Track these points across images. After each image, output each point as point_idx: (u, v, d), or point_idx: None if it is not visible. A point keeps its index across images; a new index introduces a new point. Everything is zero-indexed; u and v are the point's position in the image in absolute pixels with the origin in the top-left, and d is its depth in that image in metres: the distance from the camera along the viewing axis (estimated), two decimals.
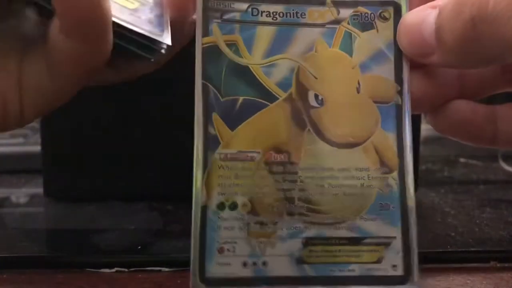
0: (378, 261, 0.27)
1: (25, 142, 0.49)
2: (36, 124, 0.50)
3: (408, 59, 0.27)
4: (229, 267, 0.26)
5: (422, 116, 0.77)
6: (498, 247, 0.32)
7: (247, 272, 0.26)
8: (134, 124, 0.39)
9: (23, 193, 0.43)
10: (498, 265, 0.30)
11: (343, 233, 0.27)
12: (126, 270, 0.30)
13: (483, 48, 0.24)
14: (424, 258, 0.30)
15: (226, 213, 0.26)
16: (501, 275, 0.29)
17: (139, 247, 0.32)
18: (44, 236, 0.35)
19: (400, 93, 0.28)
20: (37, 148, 0.40)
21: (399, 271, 0.27)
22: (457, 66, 0.27)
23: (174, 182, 0.39)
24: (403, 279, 0.27)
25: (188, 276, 0.29)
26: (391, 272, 0.27)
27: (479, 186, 0.45)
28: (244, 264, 0.26)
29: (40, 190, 0.40)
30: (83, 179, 0.39)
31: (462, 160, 0.54)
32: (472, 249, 0.32)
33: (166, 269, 0.30)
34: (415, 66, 0.27)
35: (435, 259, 0.31)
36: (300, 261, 0.27)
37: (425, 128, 0.74)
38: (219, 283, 0.26)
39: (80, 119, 0.39)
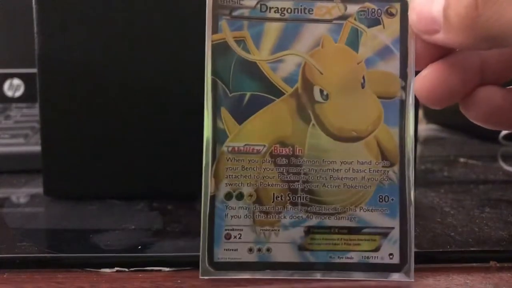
0: (376, 249, 0.28)
1: (25, 142, 0.49)
2: (36, 124, 0.50)
3: (414, 55, 0.28)
4: (236, 253, 0.28)
5: (421, 116, 0.78)
6: (498, 247, 0.32)
7: (252, 257, 0.28)
8: (134, 124, 0.39)
9: (23, 193, 0.43)
10: (498, 265, 0.30)
11: (343, 222, 0.28)
12: (126, 270, 0.30)
13: (485, 29, 0.24)
14: (424, 258, 0.31)
15: (233, 202, 0.28)
16: (501, 275, 0.29)
17: (139, 247, 0.32)
18: (44, 236, 0.35)
19: (404, 88, 0.28)
20: (37, 148, 0.40)
21: (395, 260, 0.28)
22: (459, 46, 0.27)
23: (174, 181, 0.39)
24: (398, 267, 0.28)
25: (188, 276, 0.29)
26: (388, 260, 0.28)
27: (479, 186, 0.45)
28: (250, 250, 0.28)
29: (40, 190, 0.40)
30: (83, 179, 0.39)
31: (461, 160, 0.54)
32: (472, 249, 0.32)
33: (166, 269, 0.30)
34: (436, 55, 0.28)
35: (435, 259, 0.31)
36: (301, 248, 0.28)
37: (425, 128, 0.74)
38: (226, 267, 0.28)
39: (80, 119, 0.39)
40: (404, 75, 0.28)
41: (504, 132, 0.59)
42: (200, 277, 0.28)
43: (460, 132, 0.67)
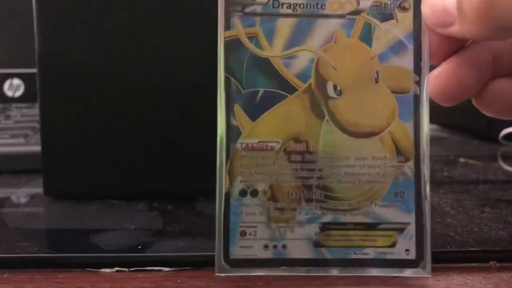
0: (392, 245, 0.28)
1: (25, 142, 0.49)
2: (36, 124, 0.50)
3: (427, 49, 0.28)
4: (251, 249, 0.28)
5: None
6: (498, 247, 0.32)
7: (267, 254, 0.28)
8: (134, 124, 0.39)
9: (23, 193, 0.43)
10: (498, 265, 0.30)
11: (358, 218, 0.28)
12: (126, 270, 0.30)
13: (500, 19, 0.24)
14: None
15: (248, 199, 0.28)
16: (501, 275, 0.29)
17: (139, 247, 0.32)
18: (44, 236, 0.35)
19: (418, 83, 0.28)
20: (37, 148, 0.40)
21: (412, 255, 0.28)
22: (475, 37, 0.27)
23: (175, 181, 0.39)
24: (415, 263, 0.28)
25: (188, 276, 0.29)
26: (404, 256, 0.28)
27: (479, 186, 0.45)
28: (265, 247, 0.28)
29: (40, 190, 0.40)
30: (83, 179, 0.39)
31: (461, 160, 0.54)
32: (472, 249, 0.32)
33: (166, 269, 0.30)
34: (451, 48, 0.28)
35: (434, 259, 0.31)
36: (317, 244, 0.28)
37: None
38: (242, 264, 0.28)
39: (80, 119, 0.39)
40: (418, 70, 0.28)
41: (504, 132, 0.59)
42: (216, 274, 0.28)
43: (460, 132, 0.67)
